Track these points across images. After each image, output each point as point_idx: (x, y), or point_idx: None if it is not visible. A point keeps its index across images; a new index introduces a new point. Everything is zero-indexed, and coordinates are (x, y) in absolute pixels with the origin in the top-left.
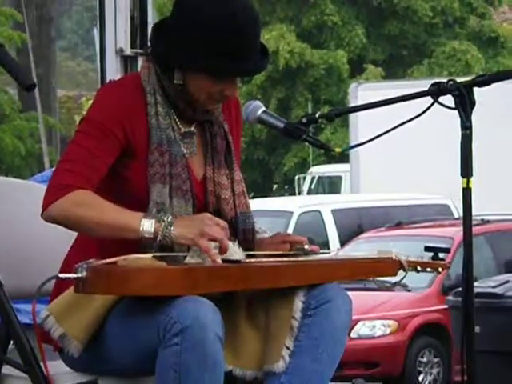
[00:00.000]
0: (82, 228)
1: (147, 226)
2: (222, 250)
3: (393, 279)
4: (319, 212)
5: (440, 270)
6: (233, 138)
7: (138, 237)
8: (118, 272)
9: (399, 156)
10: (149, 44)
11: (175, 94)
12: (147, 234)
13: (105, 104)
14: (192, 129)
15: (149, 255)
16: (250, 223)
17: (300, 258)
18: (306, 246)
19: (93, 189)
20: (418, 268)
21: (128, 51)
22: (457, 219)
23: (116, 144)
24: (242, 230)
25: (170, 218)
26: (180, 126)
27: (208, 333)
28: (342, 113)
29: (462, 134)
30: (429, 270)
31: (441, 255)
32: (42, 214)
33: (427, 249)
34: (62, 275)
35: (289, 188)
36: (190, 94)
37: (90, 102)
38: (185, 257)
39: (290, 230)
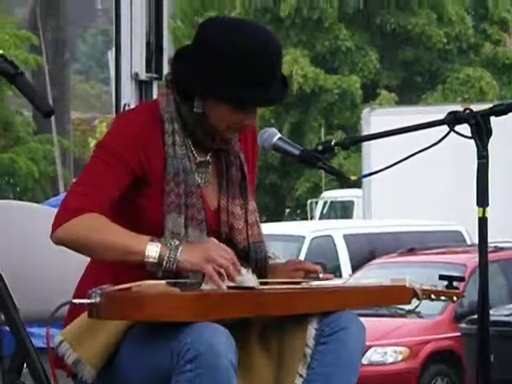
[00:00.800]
0: (88, 250)
1: (152, 250)
2: (229, 277)
3: (406, 307)
4: (331, 237)
5: (454, 298)
6: (248, 167)
7: (143, 260)
8: (131, 298)
9: (412, 182)
10: (169, 71)
11: (194, 123)
12: (152, 259)
13: (121, 132)
14: (207, 158)
15: (163, 281)
16: (262, 253)
17: (313, 285)
18: (321, 275)
19: (102, 213)
20: (432, 296)
21: (143, 76)
22: (470, 246)
23: (128, 171)
24: (254, 260)
25: (176, 242)
26: (196, 155)
27: (222, 360)
28: (357, 141)
29: (479, 164)
30: (443, 298)
31: (455, 284)
32: (51, 236)
33: (441, 277)
34: (75, 301)
35: (301, 212)
36: (210, 123)
37: (104, 124)
38: (199, 283)
39: (302, 255)
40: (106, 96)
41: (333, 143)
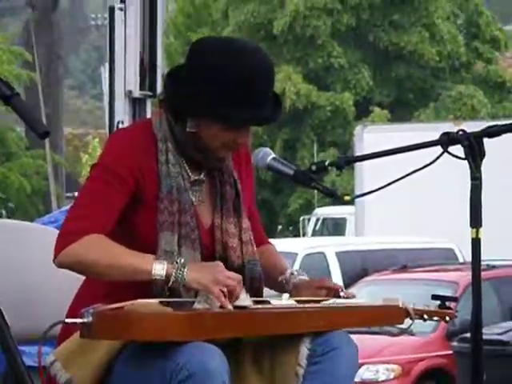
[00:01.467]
0: (94, 272)
1: (159, 268)
2: (233, 298)
3: (399, 326)
4: (324, 254)
5: (447, 319)
6: (243, 184)
7: (150, 279)
8: (123, 317)
9: (404, 199)
10: (162, 91)
11: (187, 142)
12: (159, 277)
13: (116, 151)
14: (201, 176)
15: (155, 300)
16: (257, 271)
17: (307, 305)
18: (342, 293)
19: (104, 233)
20: (425, 316)
21: (137, 93)
22: (462, 264)
23: (127, 190)
24: (249, 279)
25: (182, 260)
26: (190, 174)
27: (215, 380)
28: (350, 161)
29: (472, 185)
30: (435, 318)
31: (447, 304)
32: (54, 260)
33: (434, 297)
34: (68, 320)
35: (293, 229)
36: (203, 142)
37: (96, 139)
38: (192, 302)
39: None
40: (98, 112)
41: (327, 163)
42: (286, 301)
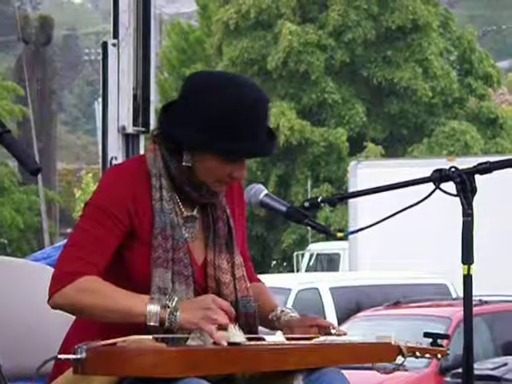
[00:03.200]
0: (88, 315)
1: (153, 313)
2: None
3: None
4: (317, 289)
5: (439, 356)
6: (235, 220)
7: (144, 322)
8: (117, 353)
9: (398, 234)
10: (156, 126)
11: (181, 177)
12: (153, 322)
13: (110, 189)
14: (194, 213)
15: (149, 336)
16: (251, 307)
17: (300, 342)
18: (333, 331)
19: (98, 274)
20: (417, 354)
21: (130, 129)
22: (455, 299)
23: (121, 229)
24: (243, 314)
25: (174, 303)
26: (183, 210)
27: None
28: (343, 198)
29: (464, 221)
30: (427, 356)
31: (439, 341)
32: (48, 301)
33: (426, 335)
34: (61, 356)
35: (287, 265)
36: (198, 177)
37: (90, 175)
38: (186, 339)
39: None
40: (92, 147)
41: (319, 200)
42: (278, 337)
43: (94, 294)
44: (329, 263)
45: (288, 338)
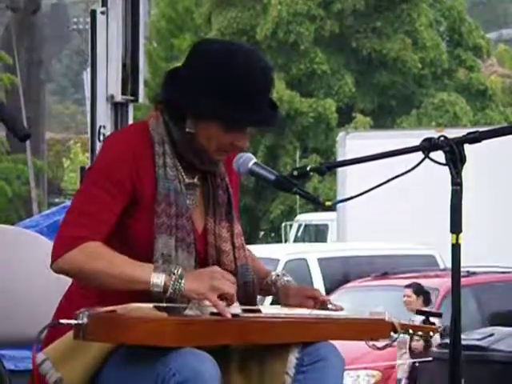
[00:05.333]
0: (92, 281)
1: (157, 279)
2: (230, 303)
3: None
4: (305, 260)
5: (431, 334)
6: (232, 190)
7: (148, 289)
8: (118, 320)
9: (386, 205)
10: (159, 92)
11: (184, 144)
12: (157, 288)
13: (113, 154)
14: (195, 180)
15: (149, 305)
16: (249, 276)
17: (296, 316)
18: (330, 306)
19: (102, 240)
20: (410, 331)
21: (119, 98)
22: (442, 270)
23: (124, 195)
24: (242, 283)
25: (179, 271)
26: (184, 177)
27: None
28: (332, 166)
29: (453, 190)
30: (420, 333)
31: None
32: (51, 266)
33: (419, 312)
34: (63, 321)
35: (275, 235)
36: (200, 144)
37: (78, 144)
38: (184, 308)
39: None
40: (80, 117)
41: (308, 169)
42: (274, 309)
43: (98, 260)
44: (317, 234)
45: (283, 307)
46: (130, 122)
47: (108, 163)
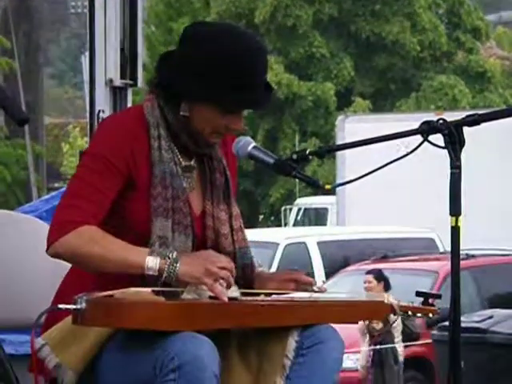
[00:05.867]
0: (88, 264)
1: (152, 263)
2: (226, 286)
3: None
4: (305, 244)
5: (430, 315)
6: (229, 172)
7: (143, 273)
8: (116, 305)
9: (385, 189)
10: (153, 76)
11: (179, 127)
12: (152, 272)
13: (107, 137)
14: (192, 163)
15: (147, 289)
16: (248, 258)
17: (295, 298)
18: (315, 288)
19: (97, 223)
20: (409, 313)
21: (117, 82)
22: (442, 253)
23: (119, 178)
24: (241, 266)
25: (174, 254)
26: (181, 160)
27: (206, 372)
28: (331, 150)
29: (452, 173)
30: (419, 315)
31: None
32: (47, 250)
33: (418, 294)
34: (61, 306)
35: (275, 219)
36: (195, 127)
37: (77, 129)
38: (181, 292)
39: (276, 262)
40: (79, 101)
41: (307, 152)
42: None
43: (93, 244)
44: (316, 218)
45: (269, 294)
46: (129, 106)
47: (103, 147)
